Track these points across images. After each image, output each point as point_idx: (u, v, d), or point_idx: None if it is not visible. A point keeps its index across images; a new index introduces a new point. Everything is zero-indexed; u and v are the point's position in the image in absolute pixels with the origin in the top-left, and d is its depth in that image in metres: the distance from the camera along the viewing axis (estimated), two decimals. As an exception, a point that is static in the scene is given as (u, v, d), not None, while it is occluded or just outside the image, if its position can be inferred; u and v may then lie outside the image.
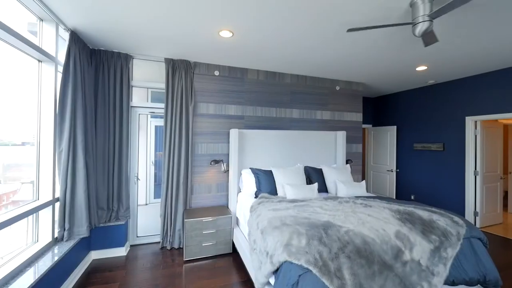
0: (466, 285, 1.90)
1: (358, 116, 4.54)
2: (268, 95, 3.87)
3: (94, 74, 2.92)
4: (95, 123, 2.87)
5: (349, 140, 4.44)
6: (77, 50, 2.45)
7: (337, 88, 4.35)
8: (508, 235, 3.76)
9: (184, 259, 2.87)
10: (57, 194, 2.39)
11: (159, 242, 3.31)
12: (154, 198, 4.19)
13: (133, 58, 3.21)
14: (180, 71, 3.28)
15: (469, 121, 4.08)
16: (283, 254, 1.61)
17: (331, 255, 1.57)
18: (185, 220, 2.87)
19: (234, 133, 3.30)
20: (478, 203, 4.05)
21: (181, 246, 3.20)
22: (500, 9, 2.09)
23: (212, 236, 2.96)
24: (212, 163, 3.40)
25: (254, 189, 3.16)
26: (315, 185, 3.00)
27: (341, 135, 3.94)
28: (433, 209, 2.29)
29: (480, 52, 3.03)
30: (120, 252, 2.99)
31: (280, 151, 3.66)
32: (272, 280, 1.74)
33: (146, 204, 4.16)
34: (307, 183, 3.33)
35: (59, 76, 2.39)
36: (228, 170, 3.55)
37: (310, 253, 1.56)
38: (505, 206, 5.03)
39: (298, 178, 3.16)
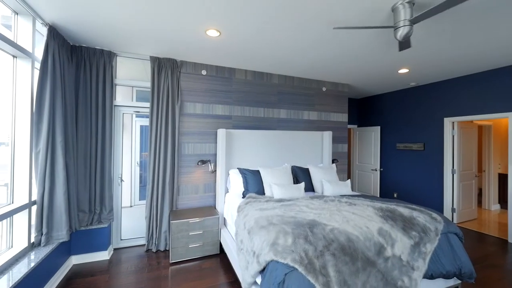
0: (443, 278, 2.00)
1: (343, 117, 4.65)
2: (256, 95, 3.88)
3: (75, 71, 2.81)
4: (76, 123, 2.76)
5: (335, 140, 4.53)
6: (56, 46, 2.34)
7: (324, 89, 4.43)
8: (482, 230, 3.99)
9: (170, 261, 2.82)
10: (34, 197, 2.27)
11: (144, 244, 3.23)
12: (139, 200, 4.09)
13: (116, 56, 3.11)
14: (166, 69, 3.21)
15: (447, 122, 4.28)
16: (269, 253, 1.62)
17: (316, 253, 1.60)
18: (171, 221, 2.82)
19: (221, 133, 3.28)
20: (455, 200, 4.26)
21: (167, 248, 3.14)
22: (474, 17, 2.21)
23: (199, 237, 2.92)
24: (199, 163, 3.37)
25: (241, 189, 3.16)
26: (302, 184, 3.04)
27: (327, 135, 4.02)
28: (414, 206, 2.39)
29: (456, 56, 3.19)
30: (103, 256, 2.89)
31: (268, 151, 3.68)
32: (259, 280, 1.75)
33: (131, 206, 4.05)
34: (294, 183, 3.37)
35: (36, 72, 2.28)
36: (215, 171, 3.52)
37: (296, 252, 1.58)
38: (479, 202, 5.33)
39: (286, 177, 3.18)
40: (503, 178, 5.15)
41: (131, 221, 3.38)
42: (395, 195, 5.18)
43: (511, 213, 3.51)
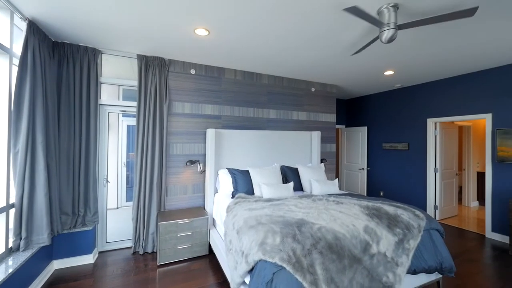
0: (426, 273, 2.07)
1: (332, 117, 4.73)
2: (246, 95, 3.88)
3: (57, 68, 2.70)
4: (58, 122, 2.66)
5: (323, 140, 4.60)
6: (36, 42, 2.24)
7: (313, 89, 4.49)
8: (462, 226, 4.17)
9: (158, 264, 2.77)
10: (13, 200, 2.17)
11: (131, 247, 3.16)
12: (126, 201, 4.00)
13: (102, 53, 3.02)
14: (154, 68, 3.16)
15: (430, 122, 4.45)
16: (258, 253, 1.62)
17: (304, 252, 1.62)
18: (159, 223, 2.77)
19: (211, 133, 3.25)
20: (437, 198, 4.43)
21: (154, 250, 3.08)
22: (454, 23, 2.31)
23: (187, 238, 2.89)
24: (188, 163, 3.33)
25: (231, 189, 3.15)
26: (291, 184, 3.07)
27: (316, 135, 4.08)
28: (398, 204, 2.46)
29: (438, 60, 3.32)
30: (87, 259, 2.80)
31: (257, 151, 3.69)
32: (247, 280, 1.75)
33: (117, 208, 3.95)
34: (284, 182, 3.39)
35: (15, 69, 2.17)
36: (204, 171, 3.49)
37: (284, 251, 1.59)
38: (459, 200, 5.57)
39: (275, 177, 3.20)
40: (481, 176, 5.41)
41: (117, 223, 3.29)
42: (381, 194, 5.32)
43: (488, 209, 3.69)
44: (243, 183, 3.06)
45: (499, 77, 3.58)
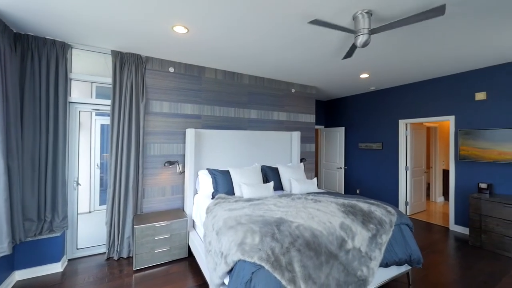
0: (396, 265, 2.19)
1: (311, 118, 4.85)
2: (226, 95, 3.85)
3: (20, 62, 2.49)
4: (21, 120, 2.46)
5: (303, 140, 4.71)
6: (-5, 33, 2.06)
7: (293, 90, 4.57)
8: (429, 220, 4.48)
9: (134, 269, 2.66)
10: (-34, 206, 1.97)
11: (105, 252, 3.00)
12: (100, 205, 3.79)
13: (72, 48, 2.84)
14: (129, 65, 3.03)
15: (401, 123, 4.73)
16: (237, 253, 1.62)
17: (282, 250, 1.65)
18: (135, 226, 2.66)
19: (190, 133, 3.19)
20: (408, 194, 4.72)
21: (130, 255, 2.96)
22: (422, 30, 2.48)
23: (165, 241, 2.81)
24: (166, 164, 3.23)
25: (211, 190, 3.11)
26: (271, 183, 3.10)
27: (296, 135, 4.16)
28: (372, 201, 2.59)
29: (408, 65, 3.54)
30: (55, 268, 2.62)
31: (238, 151, 3.68)
32: (226, 281, 1.74)
33: (90, 212, 3.74)
34: (264, 182, 3.42)
35: (-31, 62, 1.98)
36: (184, 172, 3.41)
37: (263, 250, 1.60)
38: (427, 195, 5.98)
39: (255, 177, 3.22)
40: (446, 174, 5.85)
41: (89, 228, 3.10)
42: (357, 191, 5.56)
43: (451, 204, 4.00)
44: (223, 183, 3.04)
45: (461, 82, 3.90)
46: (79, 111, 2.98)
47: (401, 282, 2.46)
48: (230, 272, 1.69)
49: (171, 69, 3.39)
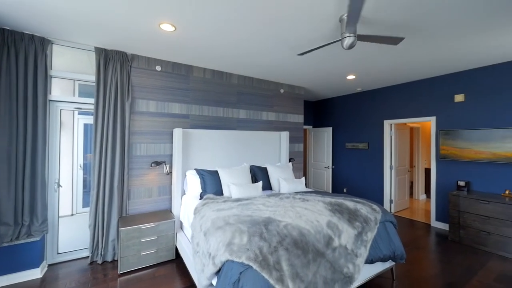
0: (381, 261, 2.26)
1: (300, 118, 4.91)
2: (215, 94, 3.83)
3: (-5, 58, 2.36)
4: (-4, 119, 2.33)
5: (292, 140, 4.75)
6: (-33, 27, 1.94)
7: (282, 91, 4.60)
8: (412, 217, 4.65)
9: (119, 272, 2.59)
10: None
11: (88, 256, 2.90)
12: (83, 207, 3.67)
13: (52, 43, 2.72)
14: (114, 63, 2.94)
15: (386, 124, 4.88)
16: (225, 253, 1.61)
17: (270, 249, 1.65)
18: (120, 228, 2.59)
19: (178, 132, 3.14)
20: (393, 192, 4.87)
21: (115, 258, 2.88)
22: (408, 34, 2.57)
23: (152, 243, 2.75)
24: (153, 164, 3.16)
25: (199, 190, 3.08)
26: (260, 183, 3.11)
27: (284, 135, 4.19)
28: (358, 199, 2.65)
29: (392, 67, 3.66)
30: (34, 274, 2.50)
31: (227, 151, 3.66)
32: (214, 281, 1.73)
33: (72, 215, 3.60)
34: (253, 182, 3.42)
35: None
36: (171, 172, 3.36)
37: (251, 250, 1.60)
38: (411, 193, 6.21)
39: (244, 177, 3.21)
40: (428, 172, 6.09)
41: (72, 232, 2.99)
42: (344, 190, 5.68)
43: (433, 201, 4.17)
44: (211, 183, 3.02)
45: (441, 85, 4.07)
46: (61, 109, 2.86)
47: (385, 278, 2.54)
48: (218, 273, 1.68)
49: (158, 68, 3.32)
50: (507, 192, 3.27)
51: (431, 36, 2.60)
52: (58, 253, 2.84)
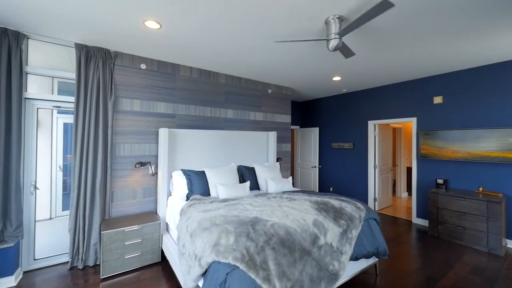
0: (365, 258, 2.32)
1: (287, 118, 4.95)
2: (202, 93, 3.78)
3: (-37, 52, 2.21)
4: (-36, 118, 2.18)
5: (279, 140, 4.79)
6: None
7: (269, 91, 4.63)
8: (395, 214, 4.82)
9: (101, 277, 2.50)
10: None
11: (68, 262, 2.77)
12: (63, 210, 3.51)
13: (28, 38, 2.58)
14: (96, 60, 2.83)
15: (370, 124, 5.02)
16: (211, 254, 1.60)
17: (257, 249, 1.66)
18: (103, 232, 2.50)
19: (164, 132, 3.08)
20: (377, 191, 5.03)
21: (97, 263, 2.77)
22: (389, 39, 2.66)
23: (137, 246, 2.68)
24: (137, 165, 3.08)
25: (185, 191, 3.03)
26: (247, 183, 3.11)
27: (272, 135, 4.21)
28: (343, 198, 2.71)
29: (376, 70, 3.77)
30: (8, 282, 2.36)
31: (214, 151, 3.63)
32: (201, 283, 1.71)
33: (51, 219, 3.44)
34: (240, 182, 3.42)
35: None
36: (156, 173, 3.28)
37: (238, 250, 1.60)
38: (394, 191, 6.43)
39: (232, 177, 3.20)
40: (410, 171, 6.34)
41: (51, 236, 2.85)
42: (331, 189, 5.79)
43: (414, 199, 4.34)
44: (198, 184, 2.98)
45: (421, 87, 4.25)
46: (37, 108, 2.72)
47: (369, 274, 2.62)
48: (204, 274, 1.66)
49: (143, 66, 3.23)
50: (480, 189, 3.47)
51: (411, 40, 2.70)
52: (34, 259, 2.70)
